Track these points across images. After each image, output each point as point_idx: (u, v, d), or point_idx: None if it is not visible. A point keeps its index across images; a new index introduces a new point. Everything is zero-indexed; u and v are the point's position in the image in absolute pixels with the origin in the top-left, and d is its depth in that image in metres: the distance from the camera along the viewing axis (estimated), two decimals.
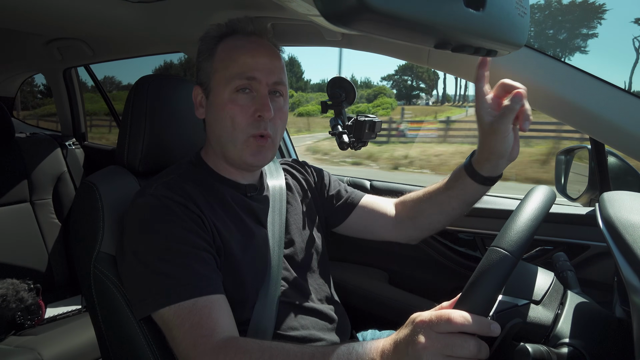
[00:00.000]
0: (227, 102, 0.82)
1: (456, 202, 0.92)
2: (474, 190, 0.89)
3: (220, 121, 0.84)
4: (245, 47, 0.84)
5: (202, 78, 0.88)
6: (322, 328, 0.90)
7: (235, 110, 0.82)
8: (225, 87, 0.83)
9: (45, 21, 1.29)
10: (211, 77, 0.85)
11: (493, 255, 0.58)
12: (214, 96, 0.85)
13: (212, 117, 0.86)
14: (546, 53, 0.84)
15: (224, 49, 0.85)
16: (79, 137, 2.39)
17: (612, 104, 0.80)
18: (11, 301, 1.48)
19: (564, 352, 0.60)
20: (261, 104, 0.82)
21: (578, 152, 1.19)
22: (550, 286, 0.71)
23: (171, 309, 0.71)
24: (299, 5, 0.50)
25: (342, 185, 1.13)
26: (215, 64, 0.85)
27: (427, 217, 0.98)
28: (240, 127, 0.82)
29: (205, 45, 0.87)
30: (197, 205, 0.81)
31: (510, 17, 0.57)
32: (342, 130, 1.12)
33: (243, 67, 0.82)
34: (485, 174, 0.86)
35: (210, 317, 0.70)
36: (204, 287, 0.73)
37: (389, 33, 0.48)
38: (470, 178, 0.87)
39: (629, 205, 0.62)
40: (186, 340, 0.69)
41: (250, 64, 0.82)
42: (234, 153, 0.85)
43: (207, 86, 0.86)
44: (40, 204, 1.90)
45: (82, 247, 0.87)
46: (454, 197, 0.92)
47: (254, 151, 0.85)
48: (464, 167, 0.88)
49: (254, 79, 0.82)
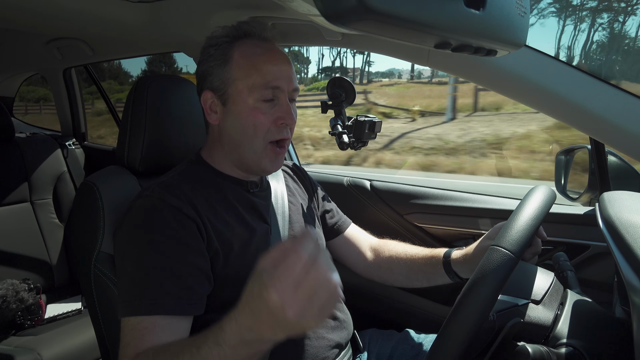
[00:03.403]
0: (251, 111, 0.82)
1: (423, 279, 1.04)
2: (442, 279, 1.00)
3: (242, 129, 0.83)
4: (266, 55, 0.83)
5: (215, 83, 0.84)
6: (325, 326, 0.90)
7: (259, 118, 0.82)
8: (249, 96, 0.81)
9: (45, 21, 1.29)
10: (229, 84, 0.83)
11: (494, 254, 0.58)
12: (235, 104, 0.83)
13: (232, 124, 0.84)
14: (546, 53, 0.84)
15: (242, 56, 0.83)
16: (79, 137, 2.39)
17: (612, 104, 0.80)
18: (11, 301, 1.47)
19: (564, 352, 0.60)
20: (285, 112, 0.83)
21: (578, 152, 1.19)
22: (550, 286, 0.71)
23: (126, 321, 0.71)
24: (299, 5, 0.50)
25: (333, 205, 1.16)
26: (234, 71, 0.82)
27: (392, 275, 1.08)
28: (262, 134, 0.83)
29: (218, 50, 0.84)
30: (195, 207, 0.80)
31: (510, 17, 0.57)
32: (342, 130, 1.12)
33: (267, 77, 0.81)
34: (460, 275, 0.97)
35: (142, 339, 0.68)
36: (161, 306, 0.70)
37: (388, 33, 0.48)
38: (444, 270, 0.98)
39: (629, 205, 0.62)
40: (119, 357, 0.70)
41: (274, 72, 0.82)
42: (252, 160, 0.85)
43: (224, 93, 0.84)
44: (40, 204, 1.89)
45: (82, 247, 0.87)
46: (422, 276, 1.03)
47: (273, 158, 0.85)
48: (443, 262, 0.98)
49: (278, 88, 0.82)
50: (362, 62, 38.26)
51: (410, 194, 1.37)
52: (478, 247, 0.93)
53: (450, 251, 0.99)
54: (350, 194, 1.47)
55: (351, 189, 1.47)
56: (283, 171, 1.08)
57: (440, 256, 0.99)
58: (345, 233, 1.13)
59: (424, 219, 1.35)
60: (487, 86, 0.93)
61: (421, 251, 1.05)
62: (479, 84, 0.94)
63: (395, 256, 1.07)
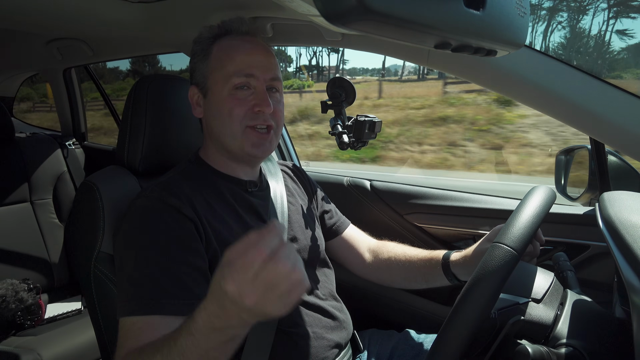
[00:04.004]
0: (226, 98, 0.84)
1: (422, 281, 1.04)
2: (440, 281, 1.00)
3: (219, 117, 0.85)
4: (241, 46, 0.86)
5: (198, 78, 0.89)
6: (325, 326, 0.90)
7: (233, 103, 0.84)
8: (224, 85, 0.84)
9: (45, 21, 1.29)
10: (208, 77, 0.87)
11: (496, 250, 0.58)
12: (212, 94, 0.86)
13: (211, 114, 0.87)
14: (546, 53, 0.84)
15: (219, 49, 0.87)
16: (79, 137, 2.39)
17: (612, 104, 0.80)
18: (11, 301, 1.47)
19: (564, 352, 0.60)
20: (260, 99, 0.84)
21: (578, 152, 1.19)
22: (550, 286, 0.71)
23: (121, 321, 0.71)
24: (299, 5, 0.50)
25: (332, 206, 1.16)
26: (212, 63, 0.86)
27: (390, 276, 1.08)
28: (238, 119, 0.84)
29: (200, 47, 0.89)
30: (194, 206, 0.80)
31: (510, 17, 0.57)
32: (342, 130, 1.12)
33: (240, 65, 0.84)
34: (459, 277, 0.97)
35: (136, 339, 0.68)
36: (154, 306, 0.71)
37: (388, 33, 0.48)
38: (443, 272, 0.98)
39: (629, 205, 0.62)
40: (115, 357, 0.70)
41: (248, 61, 0.85)
42: (235, 146, 0.86)
43: (204, 86, 0.88)
44: (40, 204, 1.89)
45: (82, 247, 0.87)
46: (420, 277, 1.03)
47: (255, 142, 0.86)
48: (442, 264, 0.98)
49: (252, 76, 0.85)
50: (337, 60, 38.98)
51: (410, 194, 1.37)
52: (477, 249, 0.93)
53: (449, 253, 0.99)
54: (350, 194, 1.47)
55: (351, 189, 1.47)
56: (282, 171, 1.08)
57: (439, 258, 0.99)
58: (343, 234, 1.14)
59: (424, 219, 1.35)
60: (487, 86, 0.93)
61: (420, 253, 1.05)
62: (479, 84, 0.94)
63: (394, 258, 1.07)
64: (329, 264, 1.04)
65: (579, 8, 21.53)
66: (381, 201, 1.41)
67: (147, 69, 14.05)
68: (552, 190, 0.74)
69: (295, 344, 0.85)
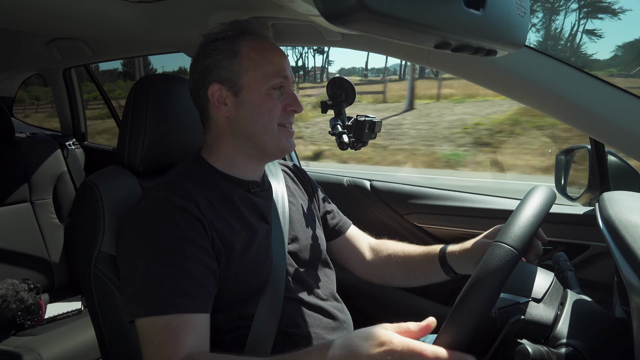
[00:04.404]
0: (264, 98, 0.87)
1: (421, 277, 1.05)
2: (438, 276, 1.01)
3: (259, 115, 0.87)
4: (273, 48, 0.90)
5: (223, 75, 0.87)
6: (325, 326, 0.90)
7: (272, 103, 0.87)
8: (263, 85, 0.86)
9: (45, 21, 1.29)
10: (240, 75, 0.87)
11: (496, 250, 0.58)
12: (248, 93, 0.87)
13: (246, 112, 0.87)
14: (546, 53, 0.84)
15: (251, 48, 0.87)
16: (79, 137, 2.39)
17: (612, 104, 0.80)
18: (11, 301, 1.47)
19: (564, 352, 0.60)
20: (293, 99, 0.90)
21: (578, 152, 1.19)
22: (550, 286, 0.71)
23: (148, 321, 0.71)
24: (299, 5, 0.50)
25: (333, 206, 1.17)
26: (244, 62, 0.86)
27: (390, 273, 1.09)
28: (275, 118, 0.88)
29: (226, 44, 0.87)
30: (199, 206, 0.80)
31: (510, 17, 0.57)
32: (342, 130, 1.12)
33: (278, 67, 0.88)
34: (457, 271, 0.98)
35: (177, 339, 0.69)
36: (182, 304, 0.72)
37: (388, 33, 0.48)
38: (440, 265, 1.00)
39: (629, 205, 0.62)
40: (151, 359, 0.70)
41: (282, 63, 0.89)
42: (270, 143, 0.89)
43: (235, 84, 0.87)
44: (40, 204, 1.89)
45: (82, 247, 0.87)
46: (419, 272, 1.04)
47: (288, 137, 0.91)
48: (440, 259, 1.00)
49: (287, 77, 0.89)
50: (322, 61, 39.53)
51: (410, 194, 1.37)
52: (476, 243, 0.93)
53: (446, 246, 1.00)
54: (350, 194, 1.47)
55: (351, 189, 1.47)
56: (283, 172, 1.08)
57: (436, 251, 1.01)
58: (346, 234, 1.14)
59: (424, 219, 1.35)
60: (487, 86, 0.93)
61: (418, 248, 1.06)
62: (479, 84, 0.94)
63: (393, 255, 1.08)
64: (329, 265, 1.04)
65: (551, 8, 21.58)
66: (381, 201, 1.41)
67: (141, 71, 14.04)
68: (552, 190, 0.74)
69: (296, 344, 0.85)
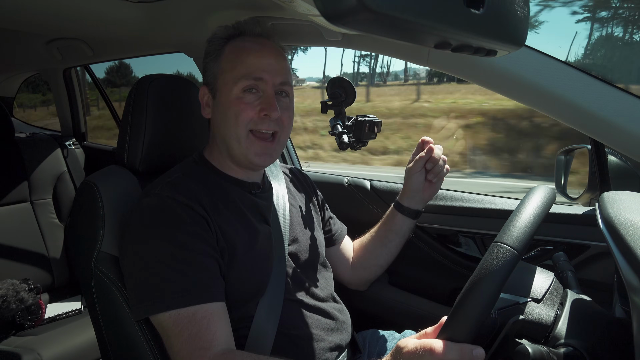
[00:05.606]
0: (234, 100, 0.84)
1: (392, 235, 1.11)
2: (402, 222, 1.10)
3: (225, 119, 0.85)
4: (252, 48, 0.86)
5: (208, 78, 0.89)
6: (325, 327, 0.90)
7: (240, 107, 0.83)
8: (233, 87, 0.84)
9: (45, 21, 1.29)
10: (218, 78, 0.86)
11: (496, 250, 0.58)
12: (221, 95, 0.86)
13: (218, 116, 0.87)
14: (546, 53, 0.84)
15: (231, 50, 0.86)
16: (79, 137, 2.39)
17: (612, 104, 0.80)
18: (11, 301, 1.47)
19: (564, 352, 0.60)
20: (267, 103, 0.83)
21: (578, 152, 1.19)
22: (550, 285, 0.71)
23: (170, 315, 0.71)
24: (299, 5, 0.50)
25: (331, 213, 1.18)
26: (222, 64, 0.86)
27: (372, 253, 1.14)
28: (243, 123, 0.83)
29: (213, 47, 0.88)
30: (202, 205, 0.81)
31: (510, 17, 0.57)
32: (342, 130, 1.12)
33: (250, 68, 0.83)
34: (407, 206, 1.09)
35: (208, 329, 0.70)
36: (203, 295, 0.73)
37: (389, 33, 0.47)
38: (399, 212, 1.10)
39: (629, 205, 0.62)
40: (183, 351, 0.70)
41: (257, 64, 0.84)
42: (238, 152, 0.86)
43: (214, 86, 0.87)
44: (40, 204, 1.89)
45: (82, 246, 0.87)
46: (389, 230, 1.11)
47: (258, 151, 0.85)
48: (394, 204, 1.11)
49: (261, 79, 0.84)
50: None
51: None
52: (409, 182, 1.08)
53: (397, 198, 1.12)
54: (350, 194, 1.47)
55: (351, 189, 1.47)
56: (284, 173, 1.08)
57: (392, 209, 1.12)
58: (341, 244, 1.16)
59: (424, 219, 1.35)
60: (487, 86, 0.93)
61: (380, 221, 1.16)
62: (479, 84, 0.94)
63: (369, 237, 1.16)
64: (328, 266, 1.04)
65: None
66: (381, 201, 1.41)
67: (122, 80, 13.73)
68: (552, 189, 0.74)
69: (295, 345, 0.85)
